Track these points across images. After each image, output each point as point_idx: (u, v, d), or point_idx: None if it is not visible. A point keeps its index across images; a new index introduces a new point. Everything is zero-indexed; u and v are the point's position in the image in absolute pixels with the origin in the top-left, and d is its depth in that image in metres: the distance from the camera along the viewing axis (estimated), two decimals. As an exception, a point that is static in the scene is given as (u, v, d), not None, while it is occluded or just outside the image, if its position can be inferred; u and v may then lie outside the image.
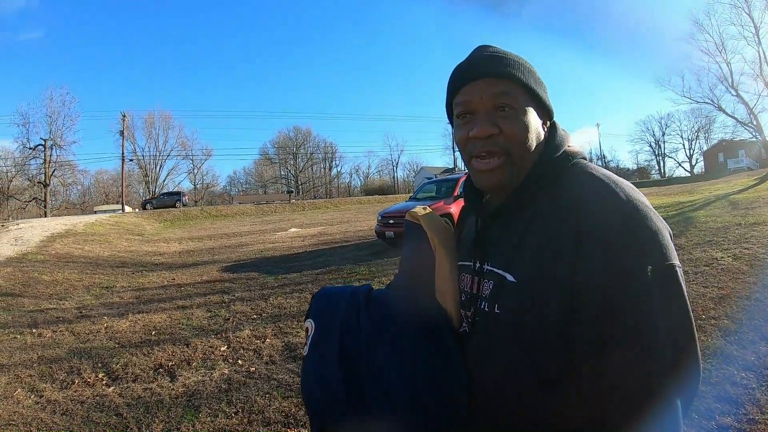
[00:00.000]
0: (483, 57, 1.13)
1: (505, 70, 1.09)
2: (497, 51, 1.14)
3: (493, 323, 1.07)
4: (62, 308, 8.35)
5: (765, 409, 3.47)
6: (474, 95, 1.09)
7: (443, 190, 14.56)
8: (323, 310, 1.30)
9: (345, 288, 1.36)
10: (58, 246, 16.00)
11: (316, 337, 1.25)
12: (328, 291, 1.37)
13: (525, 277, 1.02)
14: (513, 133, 1.06)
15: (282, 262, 12.54)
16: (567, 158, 1.11)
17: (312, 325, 1.27)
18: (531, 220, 1.05)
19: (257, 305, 7.94)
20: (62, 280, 10.74)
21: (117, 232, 23.66)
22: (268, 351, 5.65)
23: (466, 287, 1.20)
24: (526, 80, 1.10)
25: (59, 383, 5.01)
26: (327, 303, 1.32)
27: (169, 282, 10.65)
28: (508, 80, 1.08)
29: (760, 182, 30.17)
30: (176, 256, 15.64)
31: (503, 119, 1.06)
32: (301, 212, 40.44)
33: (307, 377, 1.23)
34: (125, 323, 7.18)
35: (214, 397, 4.49)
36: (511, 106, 1.07)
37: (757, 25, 36.05)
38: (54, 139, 55.50)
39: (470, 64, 1.14)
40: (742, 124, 38.83)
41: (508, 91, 1.07)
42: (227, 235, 22.41)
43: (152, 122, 76.15)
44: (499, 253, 1.11)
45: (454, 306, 1.21)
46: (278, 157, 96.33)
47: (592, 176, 1.04)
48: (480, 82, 1.09)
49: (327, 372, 1.17)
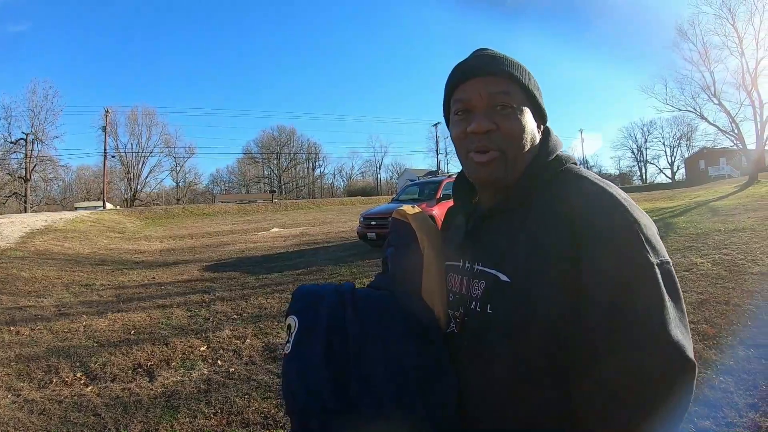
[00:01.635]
0: (483, 57, 1.16)
1: (505, 69, 1.12)
2: (497, 53, 1.18)
3: (485, 324, 1.07)
4: (41, 306, 8.27)
5: (743, 413, 3.56)
6: (473, 92, 1.12)
7: (426, 192, 14.57)
8: (307, 307, 1.26)
9: (327, 286, 1.32)
10: (38, 242, 15.85)
11: (299, 335, 1.20)
12: (310, 288, 1.33)
13: (519, 276, 1.02)
14: (510, 131, 1.09)
15: (263, 262, 12.55)
16: (560, 162, 1.14)
17: (295, 322, 1.22)
18: (524, 220, 1.06)
19: (238, 305, 7.96)
20: (41, 277, 10.63)
21: (98, 229, 23.46)
22: (248, 351, 5.67)
23: (454, 287, 1.20)
24: (525, 82, 1.13)
25: (37, 382, 4.97)
26: (310, 300, 1.28)
27: (150, 281, 10.59)
28: (508, 80, 1.12)
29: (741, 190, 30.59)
30: (157, 254, 15.55)
31: (501, 117, 1.09)
32: (284, 212, 40.36)
33: (289, 376, 1.18)
34: (104, 322, 7.14)
35: (193, 398, 4.49)
36: (509, 105, 1.10)
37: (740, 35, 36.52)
38: (36, 134, 55.08)
39: (471, 63, 1.17)
40: (724, 132, 39.30)
41: (508, 90, 1.10)
42: (209, 234, 22.34)
43: (135, 118, 75.50)
44: (491, 253, 1.12)
45: (441, 306, 1.20)
46: (262, 156, 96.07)
47: (584, 179, 1.06)
48: (480, 80, 1.12)
49: (312, 371, 1.13)
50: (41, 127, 55.87)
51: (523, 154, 1.11)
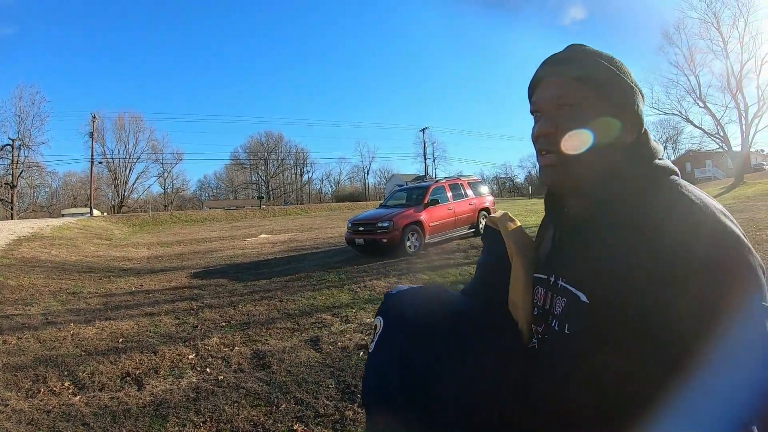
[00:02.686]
0: (560, 56, 1.13)
1: (573, 71, 1.07)
2: (577, 50, 1.13)
3: (562, 344, 1.05)
4: (28, 314, 8.22)
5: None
6: (541, 95, 1.12)
7: (414, 197, 14.63)
8: (392, 310, 1.32)
9: (416, 289, 1.37)
10: (25, 250, 15.74)
11: (382, 336, 1.28)
12: (399, 292, 1.37)
13: (598, 298, 0.98)
14: (576, 141, 1.05)
15: (251, 269, 12.54)
16: (656, 172, 1.05)
17: (381, 323, 1.30)
18: (609, 235, 1.00)
19: (226, 312, 7.96)
20: (28, 285, 10.56)
21: (85, 236, 23.32)
22: (236, 359, 5.68)
23: (539, 301, 1.18)
24: (598, 84, 1.06)
25: (24, 392, 4.96)
26: (397, 303, 1.33)
27: (137, 288, 10.55)
28: (578, 82, 1.06)
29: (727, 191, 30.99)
30: (145, 261, 15.48)
31: (563, 119, 1.06)
32: (272, 218, 40.27)
33: (368, 373, 1.28)
34: (92, 330, 7.12)
35: (182, 406, 4.50)
36: (572, 107, 1.06)
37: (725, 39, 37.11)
38: (22, 139, 54.64)
39: (546, 62, 1.14)
40: (709, 135, 39.89)
41: (574, 93, 1.06)
42: (197, 241, 22.26)
43: (122, 124, 75.14)
44: (574, 268, 1.07)
45: (525, 319, 1.20)
46: (249, 162, 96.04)
47: (682, 195, 0.97)
48: (549, 82, 1.11)
49: (387, 370, 1.21)
50: (28, 132, 55.54)
51: (592, 158, 1.05)
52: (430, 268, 10.84)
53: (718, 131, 39.77)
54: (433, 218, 13.68)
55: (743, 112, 37.45)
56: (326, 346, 5.91)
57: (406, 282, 9.45)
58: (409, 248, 12.87)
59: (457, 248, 13.44)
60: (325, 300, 8.46)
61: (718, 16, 37.25)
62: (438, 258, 12.09)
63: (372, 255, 13.01)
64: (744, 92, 37.21)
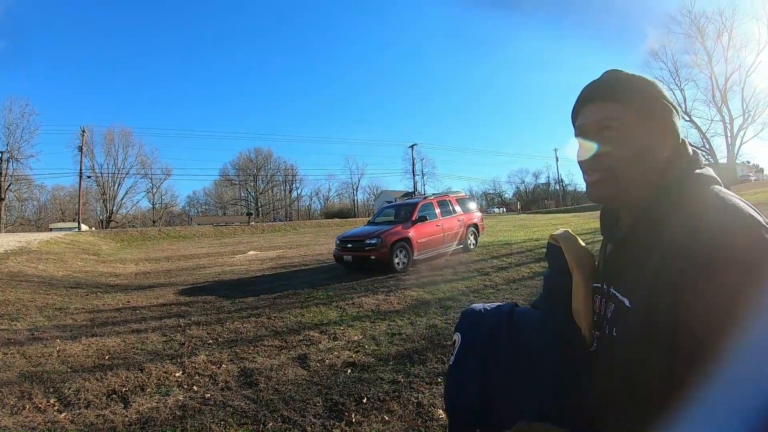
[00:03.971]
0: (599, 82, 1.24)
1: (612, 94, 1.19)
2: (613, 76, 1.23)
3: (611, 346, 1.15)
4: (13, 329, 8.16)
5: None
6: (584, 119, 1.23)
7: (402, 214, 14.66)
8: (470, 326, 1.46)
9: (491, 306, 1.51)
10: (11, 264, 15.63)
11: (460, 351, 1.41)
12: (475, 308, 1.52)
13: (639, 303, 1.06)
14: (615, 152, 1.15)
15: (239, 286, 12.51)
16: (695, 182, 1.12)
17: (459, 339, 1.44)
18: (651, 246, 1.07)
19: (213, 329, 7.93)
20: (14, 300, 10.48)
21: (72, 251, 23.16)
22: (223, 377, 5.67)
23: (597, 309, 1.27)
24: (639, 103, 1.16)
25: (9, 408, 4.92)
26: (474, 320, 1.48)
27: (125, 304, 10.48)
28: (617, 103, 1.17)
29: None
30: (132, 277, 15.41)
31: (605, 141, 1.17)
32: (261, 235, 40.17)
33: (450, 387, 1.40)
34: (78, 347, 7.08)
35: (169, 424, 4.48)
36: (614, 128, 1.16)
37: (710, 53, 37.61)
38: (11, 152, 54.37)
39: (586, 88, 1.26)
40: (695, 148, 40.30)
41: (614, 115, 1.16)
42: (185, 257, 22.15)
43: (112, 139, 75.18)
44: (622, 277, 1.16)
45: (587, 326, 1.30)
46: (238, 178, 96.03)
47: (717, 206, 1.01)
48: (590, 106, 1.22)
49: (468, 383, 1.35)
50: (17, 145, 55.44)
51: (635, 170, 1.15)
52: (418, 284, 10.86)
53: (704, 144, 40.25)
54: (422, 235, 13.73)
55: (728, 125, 38.01)
56: (314, 364, 5.92)
57: (394, 298, 9.51)
58: (398, 265, 12.89)
59: (446, 264, 13.48)
60: (313, 317, 8.47)
61: (702, 31, 37.90)
62: (426, 274, 12.11)
63: (360, 272, 13.03)
64: (729, 105, 37.79)
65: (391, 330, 7.31)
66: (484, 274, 11.57)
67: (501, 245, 16.62)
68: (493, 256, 14.27)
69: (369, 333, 7.23)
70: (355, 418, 4.42)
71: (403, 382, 5.15)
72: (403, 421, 4.31)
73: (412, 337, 6.80)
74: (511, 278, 10.96)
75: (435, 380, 5.13)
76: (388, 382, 5.19)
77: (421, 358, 5.86)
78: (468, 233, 15.59)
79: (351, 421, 4.37)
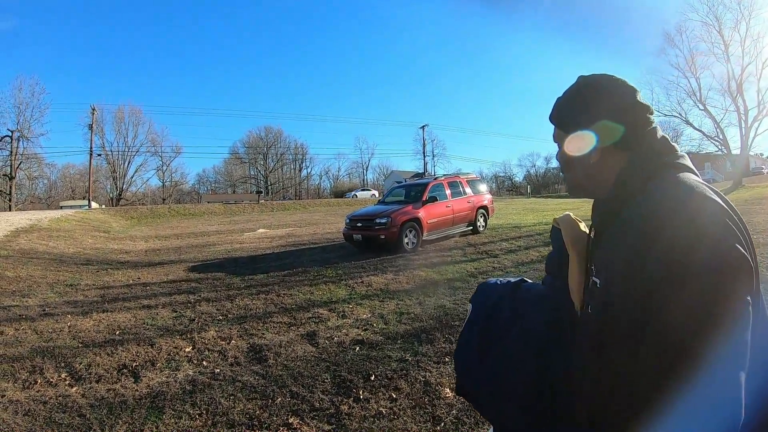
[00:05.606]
0: (554, 107, 1.43)
1: (557, 122, 1.41)
2: (559, 102, 1.41)
3: (586, 321, 1.25)
4: (25, 305, 8.24)
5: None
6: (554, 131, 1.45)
7: (412, 194, 14.63)
8: (480, 298, 1.82)
9: (502, 280, 1.84)
10: (23, 241, 15.74)
11: (469, 319, 1.79)
12: (489, 282, 1.87)
13: (604, 282, 1.16)
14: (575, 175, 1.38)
15: (249, 263, 12.54)
16: (653, 169, 1.20)
17: (470, 309, 1.81)
18: (614, 232, 1.18)
19: (223, 306, 7.98)
20: (26, 277, 10.58)
21: (83, 228, 23.27)
22: (233, 352, 5.71)
23: (586, 287, 1.36)
24: (566, 121, 1.37)
25: (21, 383, 4.99)
26: (486, 292, 1.83)
27: (135, 281, 10.56)
28: (560, 130, 1.40)
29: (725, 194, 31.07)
30: (142, 254, 15.47)
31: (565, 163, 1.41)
32: (270, 213, 40.13)
33: (455, 349, 1.78)
34: (89, 322, 7.15)
35: (178, 399, 4.53)
36: (559, 143, 1.41)
37: (726, 42, 37.01)
38: (21, 131, 54.43)
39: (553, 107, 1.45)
40: (709, 137, 39.71)
41: (556, 134, 1.42)
42: (195, 235, 22.21)
43: (122, 117, 74.71)
44: (596, 258, 1.29)
45: (579, 302, 1.43)
46: (248, 156, 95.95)
47: (667, 190, 1.09)
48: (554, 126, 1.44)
49: (465, 348, 1.73)
50: (27, 124, 55.32)
51: (581, 175, 1.37)
52: (427, 265, 10.84)
53: (717, 134, 39.79)
54: (431, 215, 13.69)
55: (743, 116, 37.43)
56: (322, 341, 5.95)
57: (403, 278, 9.51)
58: (407, 245, 12.88)
59: (454, 245, 13.44)
60: (322, 295, 8.50)
61: (720, 19, 37.19)
62: (435, 255, 12.08)
63: (369, 251, 13.03)
64: (744, 96, 37.18)
65: (400, 309, 7.32)
66: (493, 257, 11.52)
67: (510, 228, 16.57)
68: (502, 239, 14.22)
69: (377, 311, 7.25)
70: (362, 395, 4.44)
71: (410, 361, 5.17)
72: (411, 399, 4.31)
73: (421, 317, 6.81)
74: (520, 261, 10.91)
75: (442, 359, 5.14)
76: (395, 361, 5.21)
77: (429, 338, 5.87)
78: (478, 215, 15.53)
79: (359, 398, 4.39)
